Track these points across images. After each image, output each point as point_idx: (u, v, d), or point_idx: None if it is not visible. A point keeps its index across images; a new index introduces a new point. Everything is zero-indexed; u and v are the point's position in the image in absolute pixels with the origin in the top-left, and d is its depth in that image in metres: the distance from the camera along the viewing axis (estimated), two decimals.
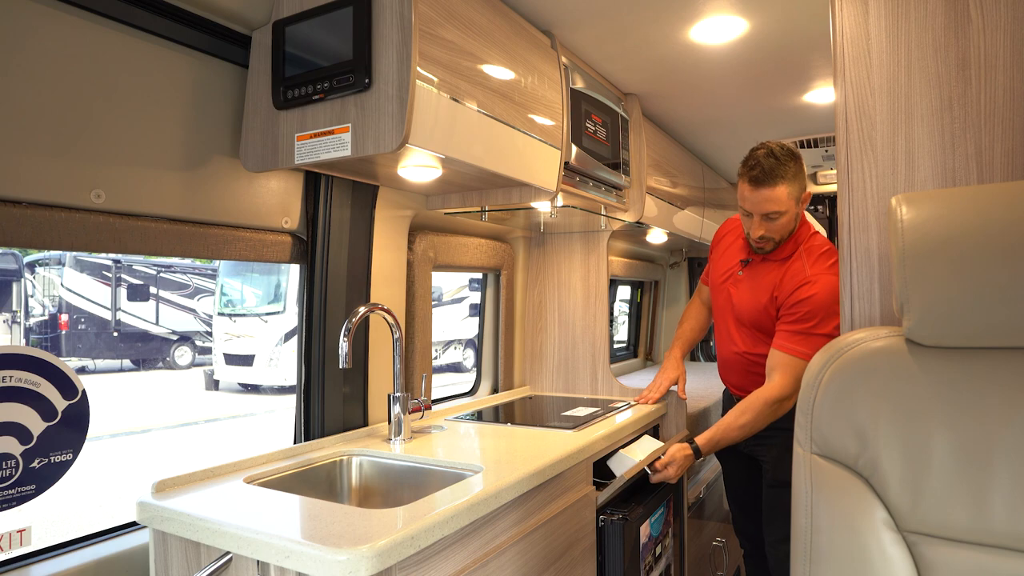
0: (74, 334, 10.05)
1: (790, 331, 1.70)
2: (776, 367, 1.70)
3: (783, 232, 1.75)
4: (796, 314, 1.69)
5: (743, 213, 1.76)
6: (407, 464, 1.43)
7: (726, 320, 1.94)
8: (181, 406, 8.36)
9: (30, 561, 1.12)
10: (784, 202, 1.67)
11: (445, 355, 10.88)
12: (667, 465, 1.71)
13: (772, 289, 1.77)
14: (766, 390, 1.69)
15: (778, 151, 1.66)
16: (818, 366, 0.94)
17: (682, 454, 1.73)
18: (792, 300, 1.70)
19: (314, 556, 0.89)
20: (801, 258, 1.75)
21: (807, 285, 1.69)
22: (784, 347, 1.70)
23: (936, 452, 0.85)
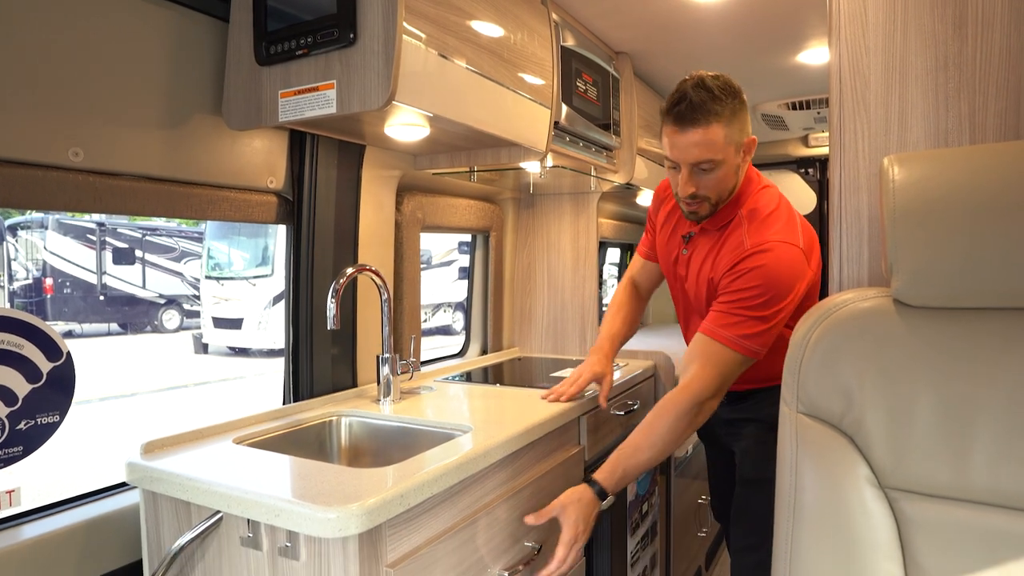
0: (60, 298, 9.96)
1: (722, 311, 1.33)
2: (696, 356, 1.32)
3: (720, 190, 1.37)
4: (734, 289, 1.33)
5: (669, 166, 1.39)
6: (396, 424, 1.44)
7: (684, 311, 1.63)
8: (170, 370, 8.35)
9: (21, 521, 1.13)
10: (719, 147, 1.29)
11: (434, 318, 10.89)
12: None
13: (710, 272, 1.43)
14: (680, 391, 1.30)
15: (712, 83, 1.29)
16: (806, 327, 0.95)
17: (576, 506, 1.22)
18: (730, 276, 1.35)
19: (304, 514, 0.90)
20: (741, 225, 1.39)
21: (750, 257, 1.33)
22: (711, 331, 1.32)
23: (920, 411, 0.86)
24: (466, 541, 1.12)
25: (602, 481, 1.27)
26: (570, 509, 1.22)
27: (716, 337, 1.31)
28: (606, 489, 1.27)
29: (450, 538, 1.08)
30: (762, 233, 1.35)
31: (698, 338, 1.34)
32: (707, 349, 1.31)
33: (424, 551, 1.02)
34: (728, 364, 1.30)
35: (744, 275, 1.32)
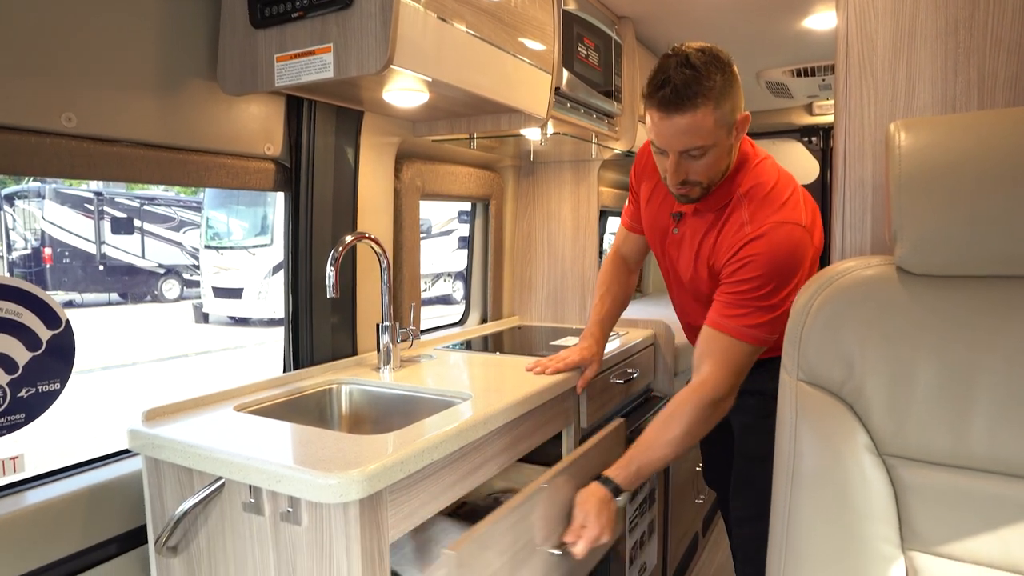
0: (59, 268, 9.95)
1: (727, 301, 1.27)
2: (707, 354, 1.28)
3: (712, 174, 1.28)
4: (735, 280, 1.27)
5: (655, 150, 1.30)
6: (396, 392, 1.44)
7: (676, 291, 1.56)
8: (172, 339, 8.39)
9: (25, 487, 1.14)
10: (709, 132, 1.20)
11: (434, 288, 10.90)
12: (582, 527, 1.20)
13: (708, 256, 1.36)
14: (697, 390, 1.26)
15: (697, 58, 1.18)
16: (808, 294, 0.95)
17: (595, 504, 1.20)
18: (733, 264, 1.28)
19: (305, 480, 0.90)
20: (740, 205, 1.31)
21: (752, 243, 1.26)
22: (718, 323, 1.27)
23: (921, 379, 0.86)
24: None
25: (615, 478, 1.24)
26: (589, 505, 1.19)
27: (725, 330, 1.26)
28: (620, 485, 1.24)
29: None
30: (763, 214, 1.28)
31: (707, 333, 1.29)
32: (718, 345, 1.27)
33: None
34: (740, 356, 1.26)
35: (747, 264, 1.26)
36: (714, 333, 1.28)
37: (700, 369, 1.29)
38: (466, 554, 0.89)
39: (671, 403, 1.28)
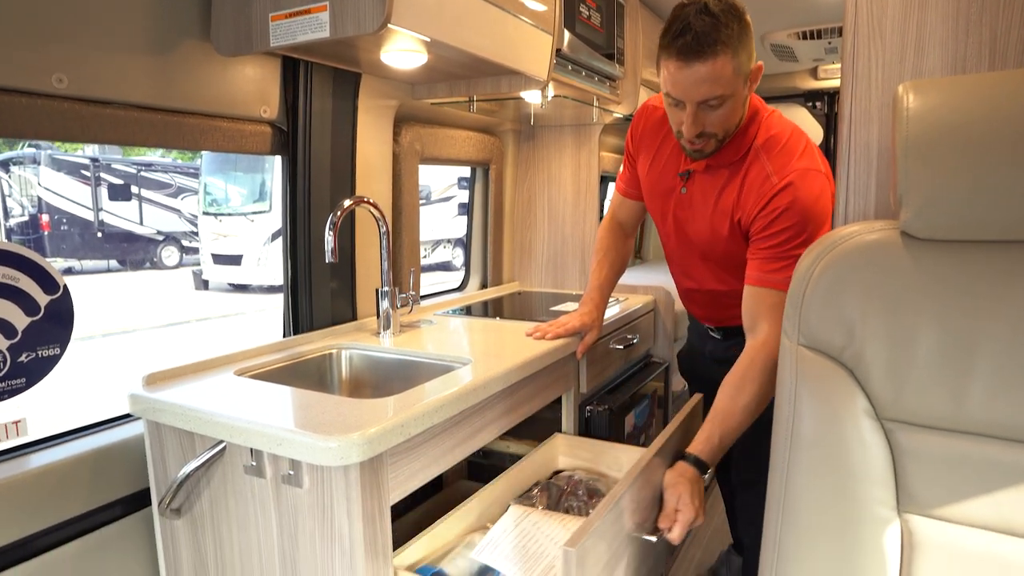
0: (57, 235, 9.91)
1: (766, 256, 1.26)
2: (759, 314, 1.26)
3: (728, 126, 1.27)
4: (773, 232, 1.26)
5: (670, 103, 1.27)
6: (396, 357, 1.44)
7: (680, 254, 1.52)
8: (172, 306, 8.40)
9: (28, 451, 1.14)
10: (728, 81, 1.19)
11: (434, 254, 10.88)
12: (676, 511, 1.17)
13: (731, 211, 1.34)
14: (760, 350, 1.25)
15: (716, 6, 1.17)
16: (810, 259, 0.94)
17: (687, 486, 1.17)
18: (765, 217, 1.27)
19: (306, 443, 0.91)
20: (759, 157, 1.30)
21: (781, 193, 1.25)
22: (762, 280, 1.26)
23: (922, 344, 0.86)
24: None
25: (699, 453, 1.22)
26: (682, 488, 1.16)
27: (771, 285, 1.24)
28: (705, 461, 1.21)
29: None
30: (785, 162, 1.27)
31: (752, 292, 1.28)
32: (767, 302, 1.25)
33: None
34: None
35: (781, 215, 1.25)
36: (760, 291, 1.26)
37: (755, 330, 1.27)
38: (583, 550, 0.87)
39: (737, 369, 1.27)
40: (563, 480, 1.37)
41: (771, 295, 1.24)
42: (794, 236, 1.24)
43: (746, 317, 1.30)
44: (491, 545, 1.09)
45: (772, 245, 1.26)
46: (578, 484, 1.35)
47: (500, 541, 1.10)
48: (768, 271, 1.26)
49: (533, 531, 1.13)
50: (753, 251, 1.30)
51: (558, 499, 1.31)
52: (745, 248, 1.34)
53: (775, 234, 1.26)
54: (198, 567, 1.14)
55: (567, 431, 1.59)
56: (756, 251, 1.29)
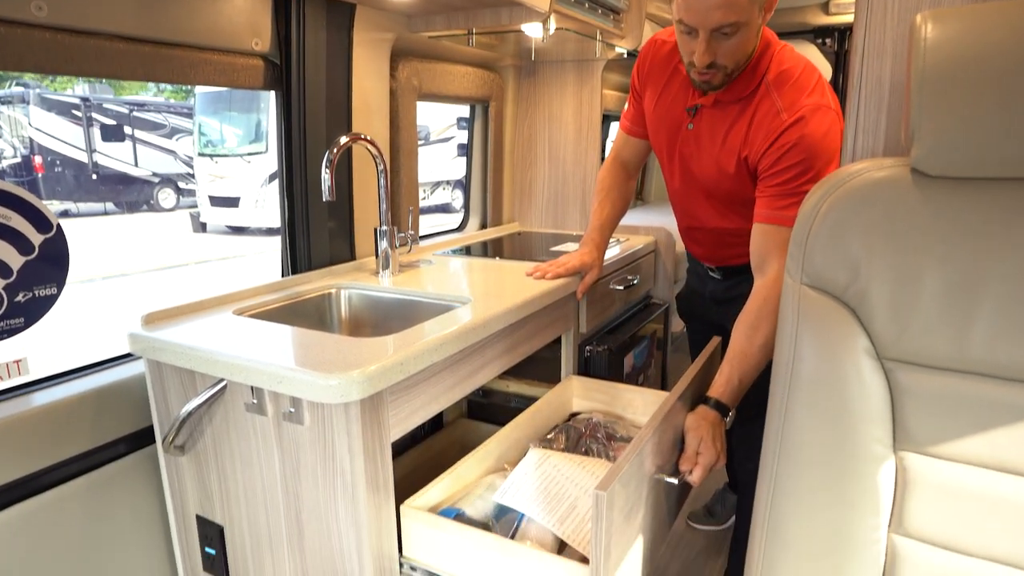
0: (51, 177, 9.79)
1: (774, 194, 1.24)
2: (769, 252, 1.25)
3: (739, 57, 1.23)
4: (778, 170, 1.24)
5: (682, 31, 1.23)
6: (395, 296, 1.44)
7: (684, 193, 1.49)
8: (170, 249, 8.38)
9: (32, 389, 1.15)
10: (744, 8, 1.14)
11: (433, 196, 10.79)
12: (697, 453, 1.17)
13: (739, 149, 1.31)
14: (772, 288, 1.22)
15: None
16: (816, 197, 0.92)
17: (708, 429, 1.18)
18: (774, 153, 1.24)
19: (307, 381, 0.91)
20: (769, 93, 1.27)
21: (790, 129, 1.23)
22: (771, 218, 1.24)
23: (927, 284, 0.85)
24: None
25: (720, 396, 1.22)
26: (703, 431, 1.16)
27: (780, 222, 1.23)
28: (725, 403, 1.22)
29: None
30: (795, 98, 1.24)
31: (761, 230, 1.26)
32: (776, 239, 1.23)
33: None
34: None
35: (790, 150, 1.23)
36: (769, 228, 1.25)
37: (765, 269, 1.26)
38: (613, 492, 0.87)
39: (750, 309, 1.25)
40: (581, 423, 1.38)
41: (781, 232, 1.23)
42: (802, 172, 1.22)
43: (755, 256, 1.28)
44: (513, 487, 1.11)
45: (780, 182, 1.24)
46: (597, 427, 1.36)
47: (522, 484, 1.11)
48: (777, 208, 1.24)
49: (554, 473, 1.14)
50: (761, 189, 1.28)
51: (576, 441, 1.33)
52: (750, 187, 1.32)
53: (783, 170, 1.24)
54: (204, 502, 1.17)
55: (567, 371, 1.60)
56: (764, 188, 1.27)
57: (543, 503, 1.08)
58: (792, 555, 0.95)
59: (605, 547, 0.87)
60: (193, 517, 1.19)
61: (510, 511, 1.10)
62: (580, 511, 1.08)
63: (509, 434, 1.27)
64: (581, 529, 1.05)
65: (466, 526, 1.02)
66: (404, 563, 1.07)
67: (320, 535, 1.03)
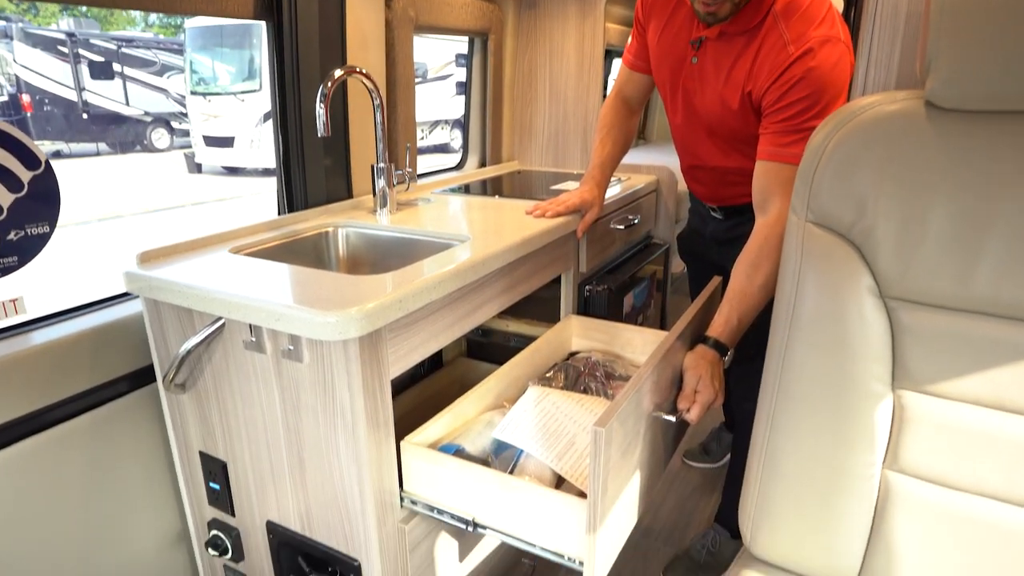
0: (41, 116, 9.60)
1: (779, 130, 1.20)
2: (772, 191, 1.22)
3: None
4: (783, 105, 1.20)
5: None
6: (394, 235, 1.42)
7: (687, 129, 1.46)
8: (165, 190, 8.29)
9: (30, 328, 1.15)
10: None
11: (431, 136, 10.61)
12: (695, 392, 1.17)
13: (743, 83, 1.27)
14: (774, 228, 1.20)
15: None
16: (825, 131, 0.89)
17: (707, 368, 1.17)
18: (779, 88, 1.20)
19: (305, 319, 0.90)
20: (777, 24, 1.22)
21: (797, 62, 1.18)
22: (775, 155, 1.20)
23: (934, 221, 0.83)
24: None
25: (718, 336, 1.21)
26: (701, 369, 1.16)
27: (784, 159, 1.19)
28: (724, 343, 1.21)
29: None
30: (803, 30, 1.19)
31: (765, 168, 1.22)
32: (779, 177, 1.20)
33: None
34: None
35: (796, 85, 1.18)
36: (773, 166, 1.21)
37: (767, 208, 1.23)
38: (611, 429, 0.88)
39: (751, 248, 1.23)
40: (580, 362, 1.39)
41: (784, 170, 1.20)
42: (809, 107, 1.18)
43: (757, 194, 1.25)
44: (512, 424, 1.12)
45: (786, 118, 1.20)
46: (595, 366, 1.37)
47: (520, 420, 1.12)
48: (781, 145, 1.20)
49: (553, 411, 1.15)
50: (766, 125, 1.24)
51: (575, 380, 1.33)
52: (754, 123, 1.28)
53: (789, 105, 1.19)
54: (206, 438, 1.18)
55: (566, 311, 1.59)
56: (769, 124, 1.23)
57: (541, 439, 1.09)
58: (787, 490, 0.96)
59: (603, 482, 0.88)
60: (196, 453, 1.21)
61: (509, 447, 1.11)
62: (578, 447, 1.09)
63: (508, 372, 1.28)
64: (579, 465, 1.07)
65: (465, 461, 1.03)
66: (405, 497, 1.09)
67: (322, 471, 1.04)
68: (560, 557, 0.99)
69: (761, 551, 1.01)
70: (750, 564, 1.03)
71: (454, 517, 1.05)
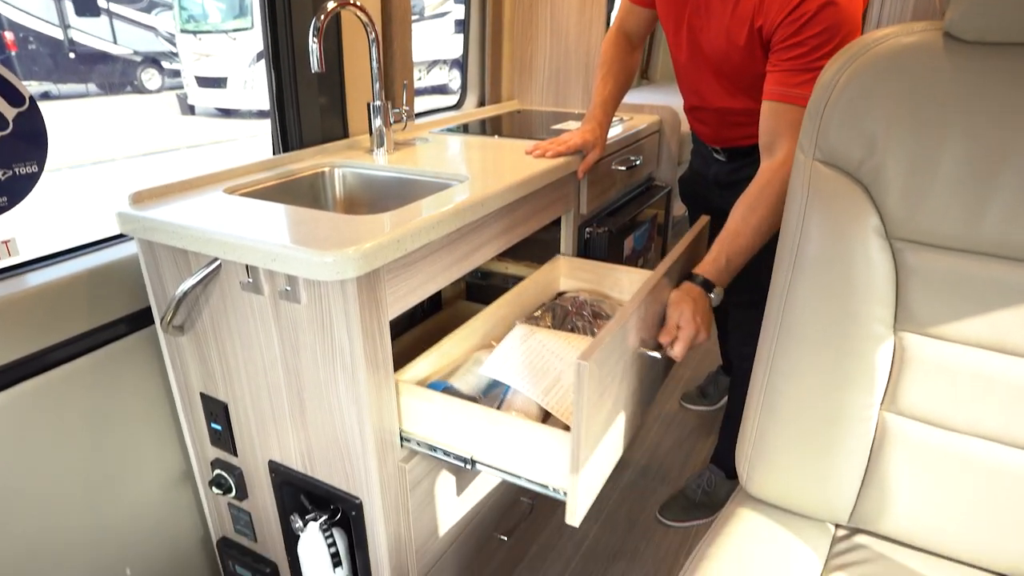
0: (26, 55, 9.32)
1: (789, 68, 1.15)
2: (779, 132, 1.18)
3: None
4: (794, 43, 1.15)
5: None
6: (391, 175, 1.39)
7: (691, 68, 1.41)
8: (158, 133, 8.14)
9: (24, 270, 1.13)
10: None
11: (429, 76, 10.36)
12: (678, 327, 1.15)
13: (751, 17, 1.22)
14: (778, 171, 1.17)
15: None
16: (837, 65, 0.86)
17: (690, 303, 1.15)
18: (790, 24, 1.15)
19: (302, 259, 0.89)
20: None
21: (806, 0, 1.12)
22: (783, 95, 1.15)
23: (946, 160, 0.81)
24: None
25: (705, 272, 1.19)
26: (687, 308, 1.15)
27: (793, 100, 1.15)
28: (710, 280, 1.19)
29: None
30: None
31: (772, 109, 1.18)
32: (787, 118, 1.16)
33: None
34: None
35: (808, 21, 1.13)
36: (781, 107, 1.17)
37: (773, 150, 1.19)
38: (595, 364, 0.88)
39: (752, 190, 1.20)
40: (568, 301, 1.38)
41: (792, 111, 1.15)
42: (822, 44, 1.12)
43: (763, 135, 1.21)
44: (499, 361, 1.12)
45: (796, 55, 1.15)
46: (583, 305, 1.36)
47: (507, 357, 1.12)
48: (791, 84, 1.15)
49: (539, 348, 1.15)
50: (774, 62, 1.18)
51: (563, 319, 1.33)
52: (761, 62, 1.24)
53: (801, 43, 1.14)
54: (206, 380, 1.18)
55: (566, 252, 1.58)
56: (778, 62, 1.18)
57: (528, 376, 1.10)
58: (784, 430, 0.97)
59: (586, 416, 0.89)
60: (197, 395, 1.21)
61: (497, 385, 1.12)
62: (564, 383, 1.10)
63: (495, 312, 1.28)
64: (565, 400, 1.08)
65: (454, 397, 1.04)
66: (404, 437, 1.10)
67: (322, 411, 1.05)
68: (545, 488, 1.01)
69: (756, 490, 1.03)
70: (745, 502, 1.05)
71: (452, 455, 1.06)
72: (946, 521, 0.91)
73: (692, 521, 1.82)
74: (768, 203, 1.17)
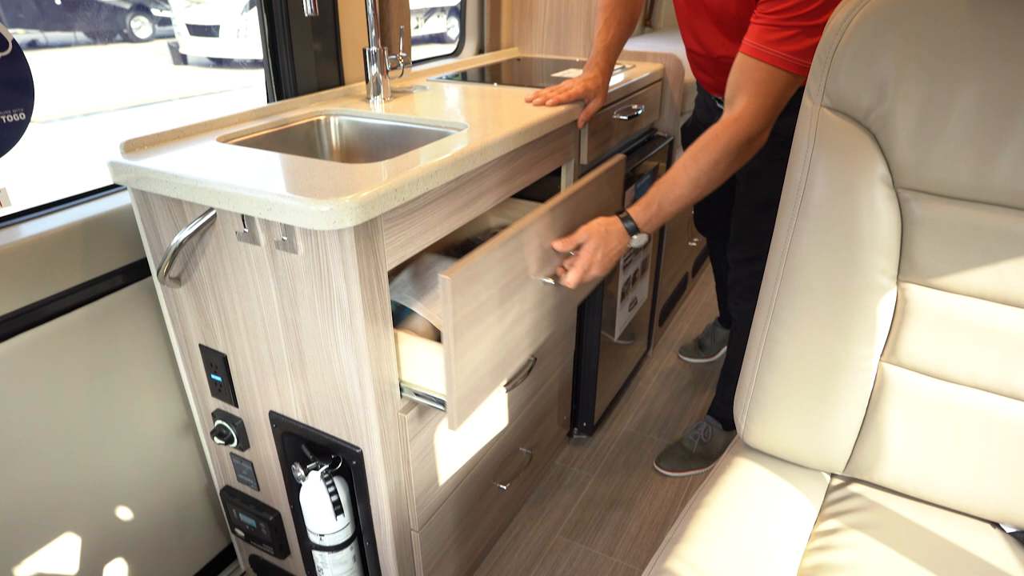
0: (9, 1, 9.06)
1: (768, 23, 1.10)
2: (742, 86, 1.14)
3: None
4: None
5: None
6: (388, 123, 1.36)
7: (693, 15, 1.39)
8: (150, 83, 7.97)
9: (18, 220, 1.12)
10: None
11: (427, 25, 10.10)
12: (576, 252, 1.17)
13: None
14: (731, 125, 1.14)
15: None
16: (848, 8, 0.83)
17: (597, 237, 1.16)
18: None
19: (297, 208, 0.87)
20: None
21: None
22: (756, 51, 1.12)
23: (957, 107, 0.79)
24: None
25: (634, 215, 1.18)
26: (593, 240, 1.16)
27: (763, 57, 1.11)
28: (637, 224, 1.19)
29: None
30: None
31: (743, 63, 1.14)
32: (755, 75, 1.12)
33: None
34: (780, 88, 1.11)
35: None
36: (751, 62, 1.13)
37: (734, 103, 1.16)
38: (460, 280, 0.91)
39: (701, 138, 1.17)
40: (488, 236, 1.45)
41: (762, 68, 1.11)
42: (804, 3, 1.07)
43: (729, 86, 1.17)
44: (399, 286, 1.20)
45: (777, 10, 1.10)
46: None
47: (406, 282, 1.21)
48: (767, 40, 1.11)
49: (436, 270, 1.23)
50: (757, 14, 1.14)
51: None
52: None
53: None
54: (205, 331, 1.18)
55: None
56: (760, 14, 1.13)
57: (420, 295, 1.17)
58: (783, 381, 0.97)
59: (453, 326, 0.93)
60: (196, 346, 1.21)
61: (408, 311, 1.17)
62: None
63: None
64: None
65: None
66: (403, 387, 1.10)
67: (321, 362, 1.04)
68: (429, 400, 1.08)
69: (754, 440, 1.04)
70: (742, 452, 1.06)
71: (433, 399, 1.09)
72: (940, 471, 0.92)
73: (689, 471, 1.85)
74: (711, 156, 1.14)
